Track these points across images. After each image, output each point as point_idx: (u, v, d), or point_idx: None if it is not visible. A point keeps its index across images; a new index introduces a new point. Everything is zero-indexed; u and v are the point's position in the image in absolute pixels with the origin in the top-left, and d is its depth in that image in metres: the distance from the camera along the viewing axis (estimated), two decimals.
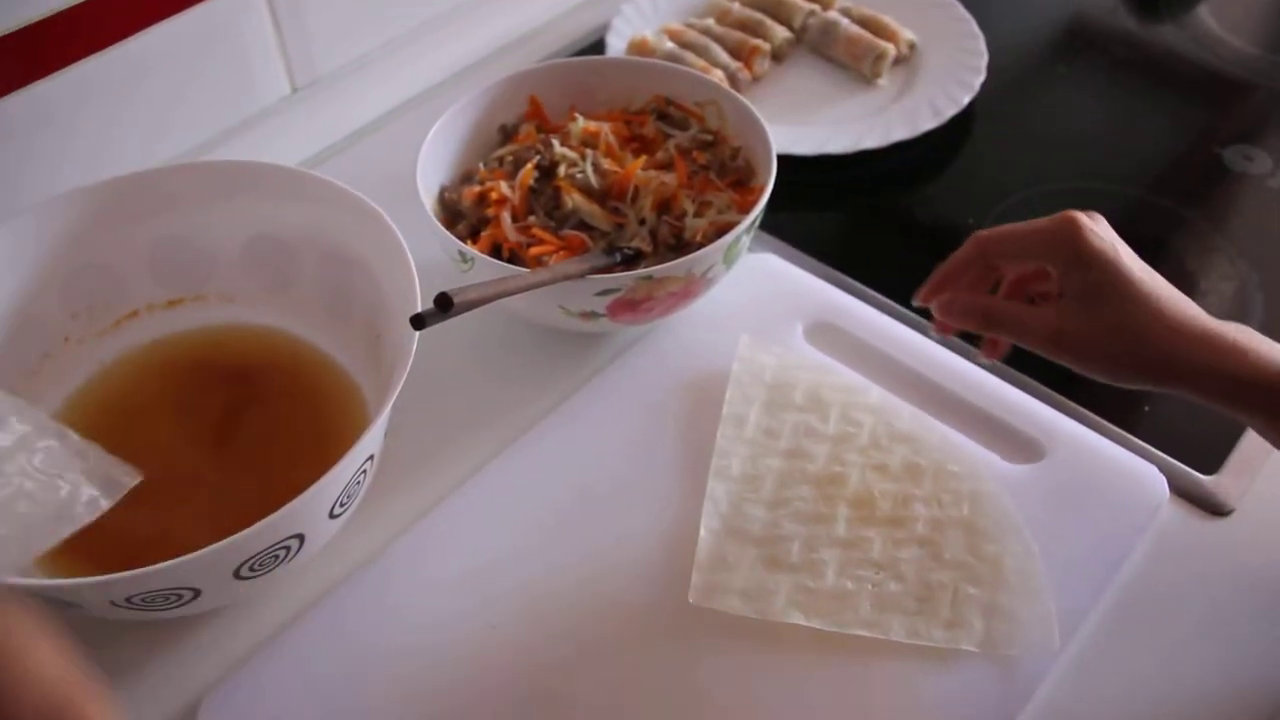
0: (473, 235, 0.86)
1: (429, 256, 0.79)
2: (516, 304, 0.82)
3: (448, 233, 0.81)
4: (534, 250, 0.83)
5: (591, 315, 0.81)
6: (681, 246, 0.85)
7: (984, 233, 0.75)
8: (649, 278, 0.78)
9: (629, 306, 0.81)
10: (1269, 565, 0.78)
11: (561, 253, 0.83)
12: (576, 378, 0.88)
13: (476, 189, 0.87)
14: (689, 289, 0.82)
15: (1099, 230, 0.71)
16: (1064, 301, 0.71)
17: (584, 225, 0.86)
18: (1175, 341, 0.68)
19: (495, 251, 0.84)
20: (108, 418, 0.81)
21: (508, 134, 0.95)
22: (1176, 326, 0.68)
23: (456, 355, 0.89)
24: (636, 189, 0.87)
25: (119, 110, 0.93)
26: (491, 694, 0.68)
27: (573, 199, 0.86)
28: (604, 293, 0.79)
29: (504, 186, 0.87)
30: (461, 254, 0.80)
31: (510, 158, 0.90)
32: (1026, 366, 0.88)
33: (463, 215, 0.87)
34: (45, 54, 0.86)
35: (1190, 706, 0.70)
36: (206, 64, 0.98)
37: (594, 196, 0.87)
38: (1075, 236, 0.70)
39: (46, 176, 0.90)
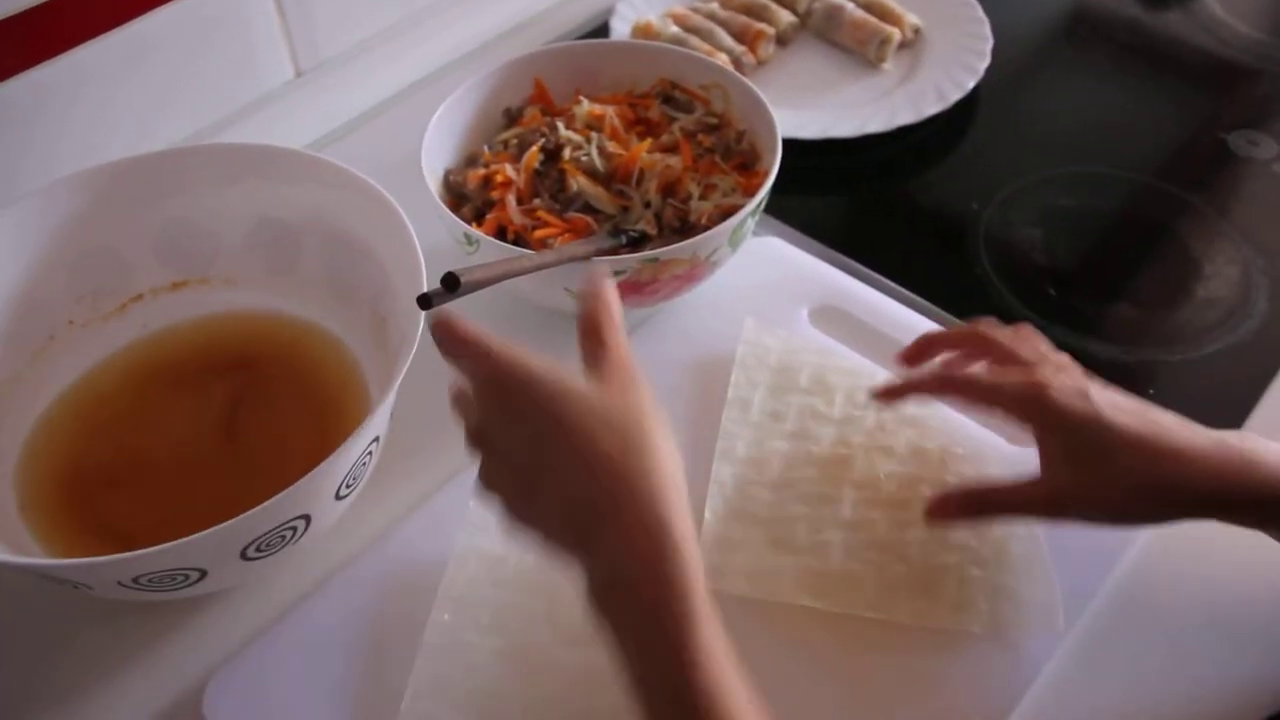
0: (478, 218, 0.86)
1: (434, 240, 0.79)
2: (522, 286, 0.82)
3: (453, 215, 0.81)
4: (539, 233, 0.83)
5: None
6: (686, 230, 0.85)
7: (956, 376, 0.72)
8: (654, 260, 0.78)
9: (634, 289, 0.81)
10: (1272, 549, 0.77)
11: (566, 235, 0.83)
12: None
13: (481, 172, 0.87)
14: (694, 272, 0.82)
15: (1069, 385, 0.68)
16: (1050, 464, 0.68)
17: (589, 208, 0.86)
18: (1179, 474, 0.65)
19: (500, 234, 0.84)
20: (114, 401, 0.81)
21: (513, 117, 0.95)
22: (1176, 458, 0.65)
23: None
24: (641, 172, 0.87)
25: (123, 94, 0.93)
26: (501, 670, 0.68)
27: (578, 181, 0.86)
28: (613, 274, 0.79)
29: (509, 169, 0.87)
30: (467, 236, 0.80)
31: (515, 141, 0.90)
32: None
33: (468, 198, 0.87)
34: (49, 37, 0.86)
35: (1193, 690, 0.70)
36: (210, 48, 0.98)
37: (599, 179, 0.87)
38: (1043, 401, 0.67)
39: (49, 160, 0.90)
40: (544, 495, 0.58)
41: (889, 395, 0.76)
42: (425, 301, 0.67)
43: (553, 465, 0.57)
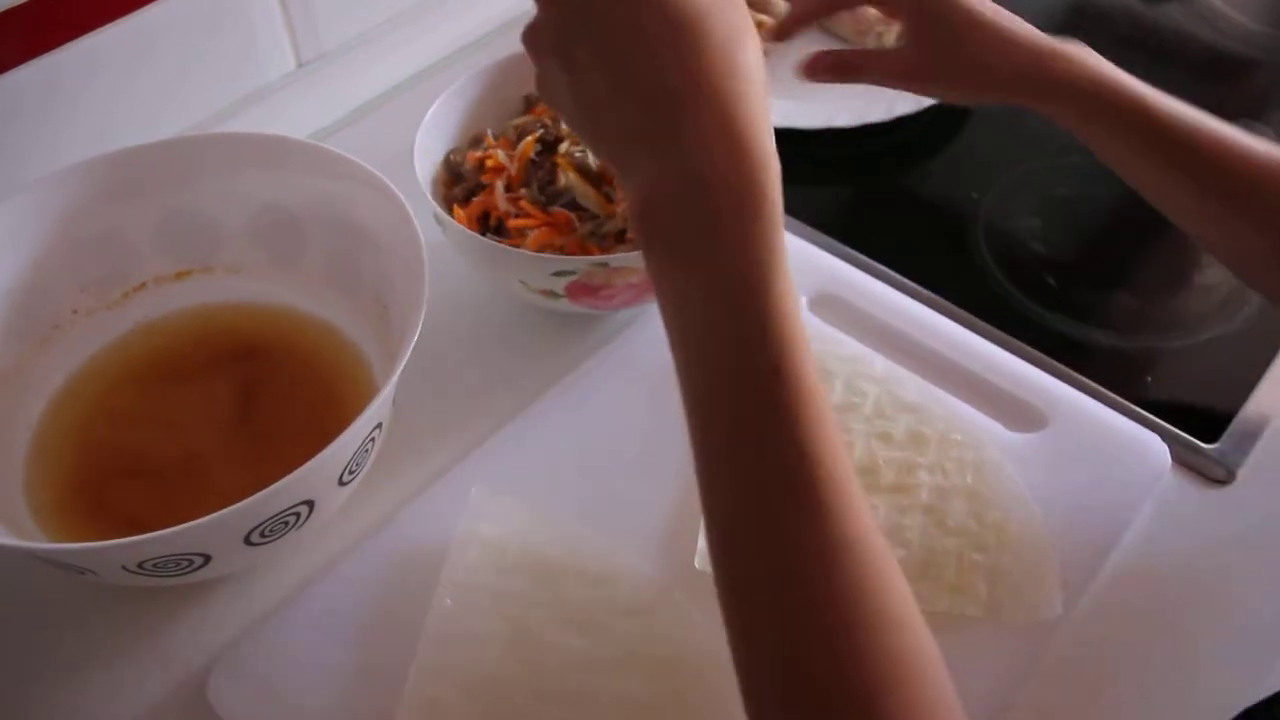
0: (467, 199, 0.87)
1: (435, 230, 0.80)
2: (485, 274, 0.85)
3: (428, 194, 0.82)
4: (516, 222, 0.84)
5: (551, 294, 0.82)
6: None
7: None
8: (604, 265, 0.78)
9: (587, 291, 0.81)
10: (1270, 533, 0.78)
11: (545, 229, 0.84)
12: (582, 350, 0.88)
13: (478, 154, 0.88)
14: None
15: None
16: (913, 40, 0.79)
17: (575, 205, 0.86)
18: (1006, 54, 0.76)
19: (485, 217, 0.85)
20: (118, 389, 0.81)
21: (530, 105, 0.95)
22: (1009, 40, 0.76)
23: (463, 327, 0.90)
24: None
25: (124, 84, 0.93)
26: (502, 655, 0.68)
27: (567, 177, 0.86)
28: (560, 273, 0.79)
29: (501, 155, 0.87)
30: (436, 216, 0.81)
31: (514, 131, 0.91)
32: (1030, 337, 0.88)
33: (464, 178, 0.88)
34: (50, 28, 0.87)
35: (1192, 672, 0.71)
36: (212, 39, 0.98)
37: (590, 178, 0.87)
38: None
39: (51, 150, 0.90)
40: (620, 67, 0.51)
41: (784, 30, 0.86)
42: None
43: (640, 34, 0.51)
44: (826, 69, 0.82)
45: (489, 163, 0.87)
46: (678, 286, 0.50)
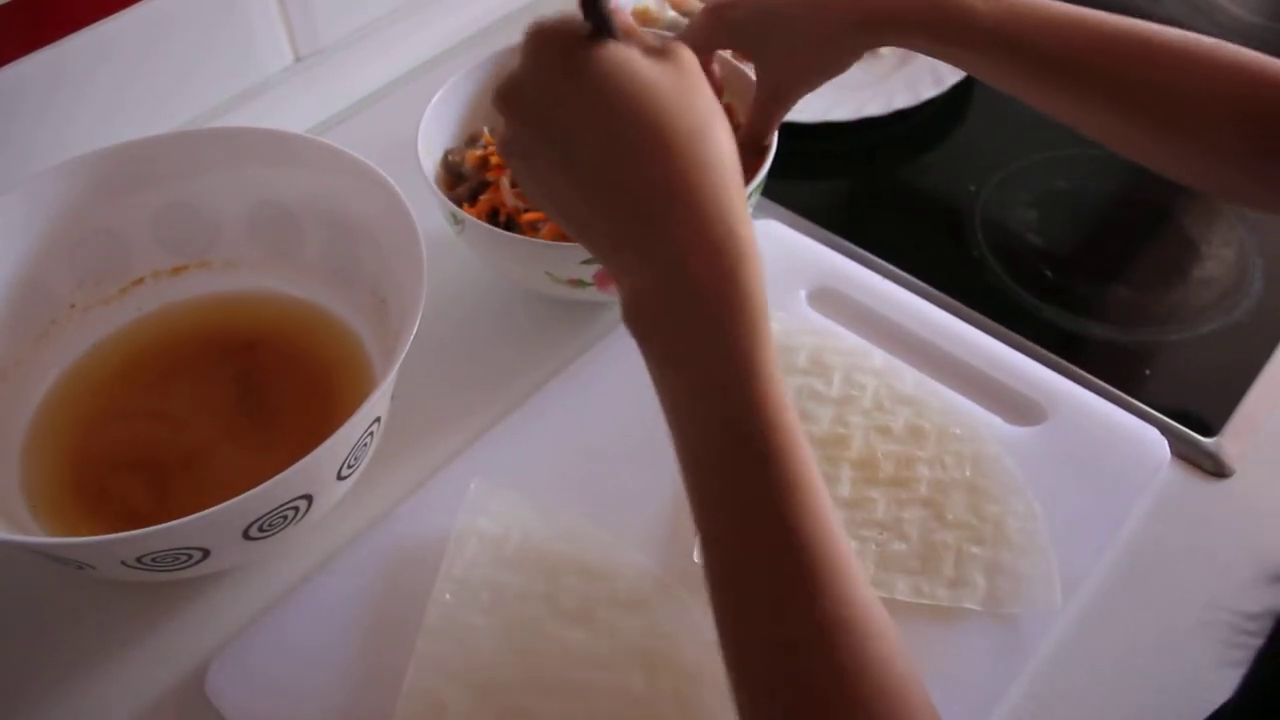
0: (472, 198, 0.86)
1: (434, 223, 0.80)
2: (506, 269, 0.83)
3: (441, 193, 0.82)
4: (528, 216, 0.84)
5: (579, 283, 0.81)
6: None
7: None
8: None
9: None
10: (1269, 526, 0.78)
11: None
12: (582, 341, 0.88)
13: (479, 152, 0.88)
14: None
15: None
16: (756, 65, 0.79)
17: None
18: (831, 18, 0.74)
19: (493, 215, 0.85)
20: (117, 384, 0.81)
21: None
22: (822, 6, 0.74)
23: (462, 320, 0.90)
24: None
25: (122, 80, 0.93)
26: (501, 649, 0.68)
27: None
28: (590, 261, 0.79)
29: None
30: (454, 215, 0.81)
31: None
32: (1028, 330, 0.88)
33: (464, 178, 0.88)
34: (49, 24, 0.86)
35: (1190, 665, 0.71)
36: (210, 34, 0.98)
37: None
38: (715, 13, 0.77)
39: (49, 146, 0.90)
40: (590, 179, 0.52)
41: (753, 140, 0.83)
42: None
43: (604, 138, 0.51)
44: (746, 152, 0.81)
45: (493, 159, 0.87)
46: (668, 380, 0.51)
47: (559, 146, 0.53)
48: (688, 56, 0.54)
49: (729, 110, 0.93)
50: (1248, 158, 0.67)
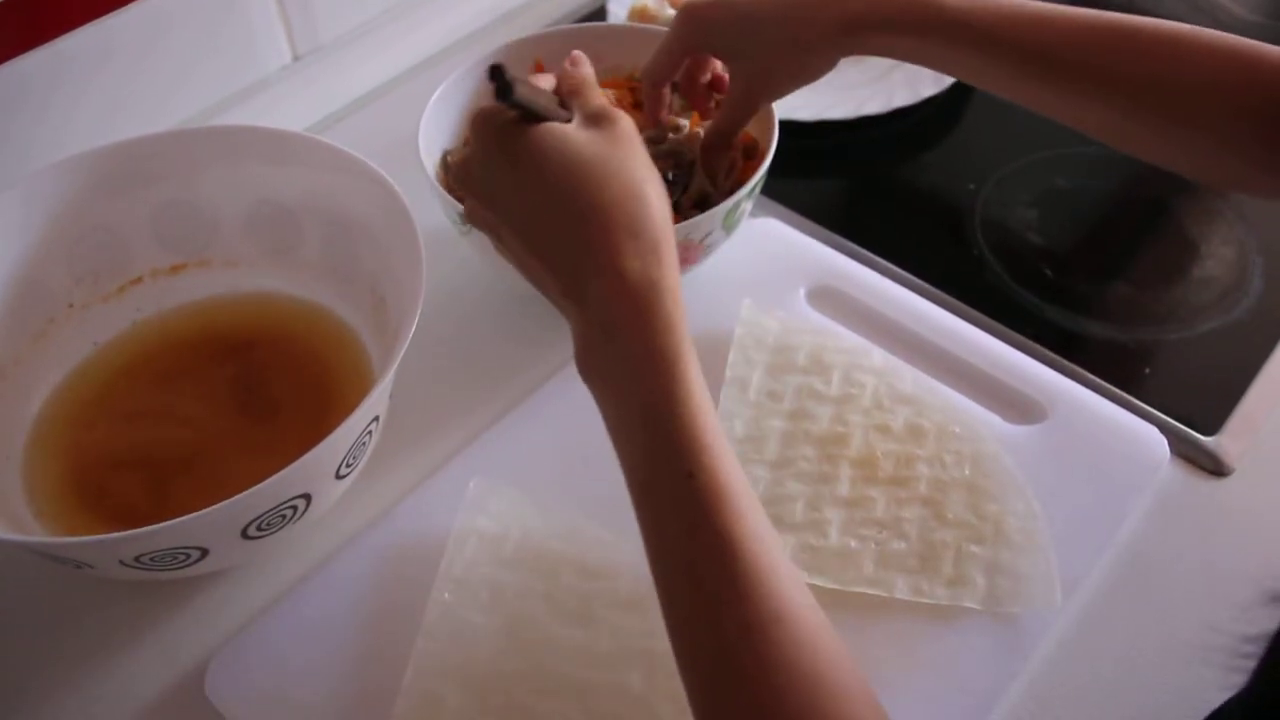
0: None
1: (431, 221, 0.80)
2: (512, 268, 0.82)
3: (447, 195, 0.81)
4: None
5: None
6: (706, 207, 0.84)
7: (644, 70, 0.83)
8: None
9: None
10: (1268, 525, 0.78)
11: None
12: None
13: None
14: (687, 255, 0.82)
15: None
16: (731, 67, 0.80)
17: None
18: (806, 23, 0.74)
19: None
20: (115, 383, 0.81)
21: None
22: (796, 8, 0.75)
23: (461, 319, 0.90)
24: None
25: (121, 78, 0.93)
26: (500, 648, 0.68)
27: None
28: None
29: None
30: (461, 216, 0.80)
31: None
32: (1028, 329, 0.88)
33: None
34: (47, 22, 0.86)
35: (1189, 663, 0.70)
36: (209, 32, 0.98)
37: None
38: (692, 16, 0.78)
39: (48, 144, 0.90)
40: (531, 244, 0.59)
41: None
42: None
43: (541, 214, 0.58)
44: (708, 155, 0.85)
45: None
46: (608, 416, 0.57)
47: (505, 216, 0.60)
48: (623, 125, 0.60)
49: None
50: (1248, 145, 0.67)
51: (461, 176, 0.63)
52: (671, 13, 1.16)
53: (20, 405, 0.78)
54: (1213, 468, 0.81)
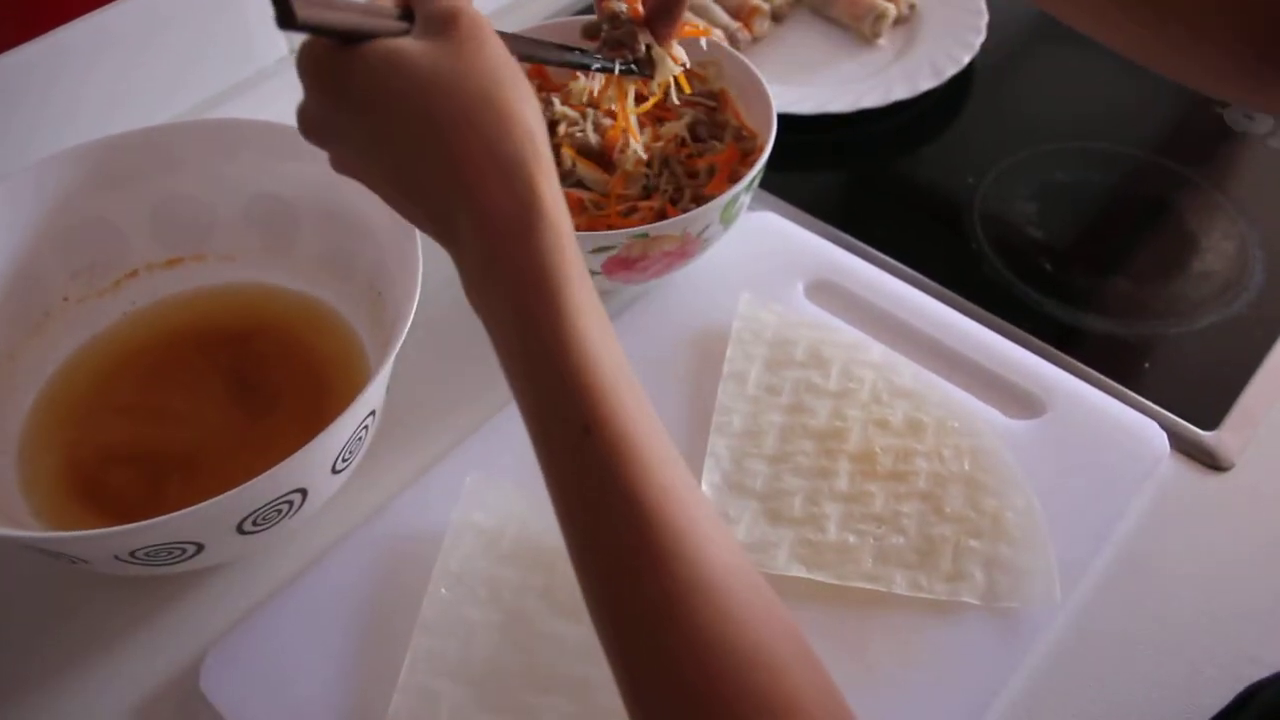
0: None
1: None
2: None
3: None
4: None
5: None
6: (702, 202, 0.84)
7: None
8: (644, 235, 0.78)
9: (625, 264, 0.80)
10: (1268, 520, 0.78)
11: None
12: None
13: None
14: (685, 248, 0.82)
15: None
16: None
17: (582, 184, 0.86)
18: None
19: None
20: (111, 377, 0.81)
21: None
22: None
23: (458, 312, 0.89)
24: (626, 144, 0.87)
25: (118, 71, 0.93)
26: (497, 643, 0.68)
27: (572, 159, 0.86)
28: (599, 250, 0.79)
29: None
30: None
31: None
32: (1027, 323, 0.88)
33: None
34: (45, 13, 0.86)
35: (1189, 659, 0.70)
36: (206, 25, 0.97)
37: (592, 157, 0.87)
38: None
39: (45, 136, 0.90)
40: (393, 182, 0.53)
41: None
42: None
43: (390, 147, 0.51)
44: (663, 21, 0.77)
45: None
46: (501, 358, 0.51)
47: (358, 154, 0.54)
48: (465, 21, 0.52)
49: (722, 97, 0.93)
50: (1258, 65, 0.64)
51: (303, 126, 0.55)
52: None
53: (15, 399, 0.78)
54: (1212, 463, 0.80)
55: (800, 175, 1.04)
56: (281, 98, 1.03)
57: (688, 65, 0.79)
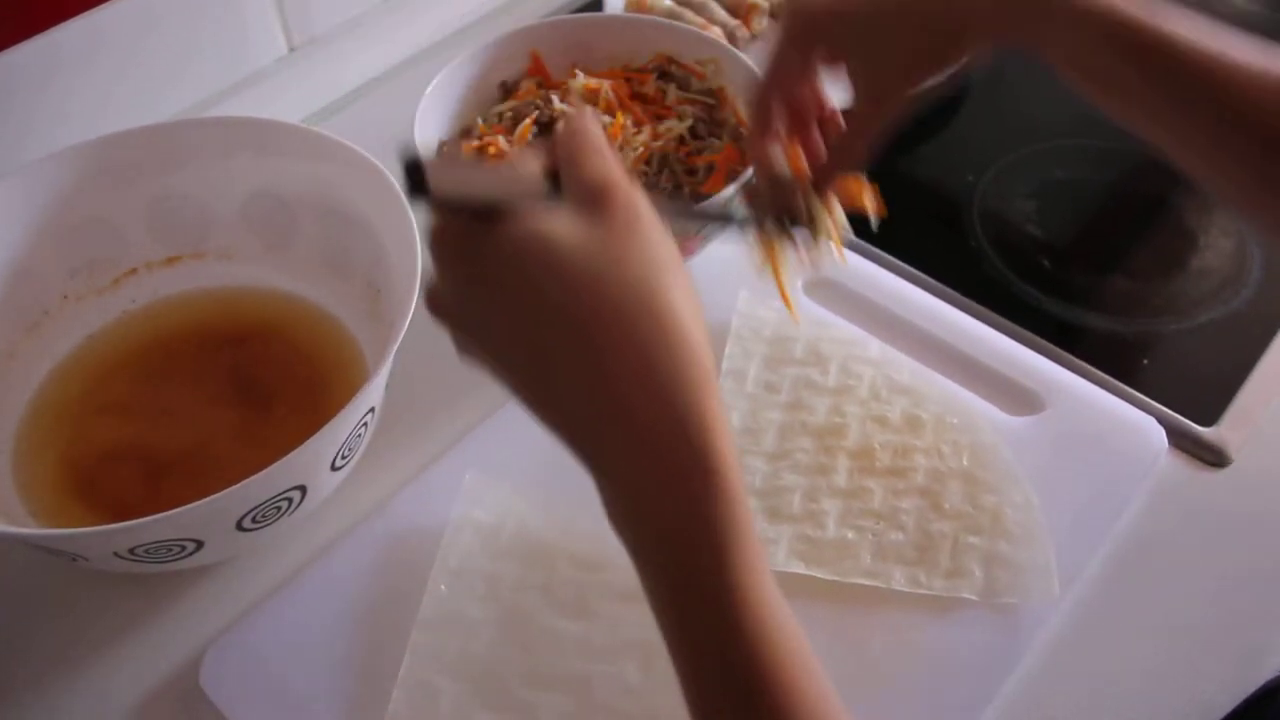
0: None
1: (427, 214, 0.79)
2: None
3: None
4: None
5: None
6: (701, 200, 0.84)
7: (752, 99, 0.70)
8: None
9: None
10: (1267, 515, 0.78)
11: None
12: None
13: (475, 143, 0.87)
14: (684, 246, 0.82)
15: None
16: (856, 67, 0.67)
17: None
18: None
19: None
20: (110, 376, 0.81)
21: (508, 90, 0.94)
22: None
23: None
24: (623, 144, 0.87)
25: (116, 69, 0.93)
26: (497, 641, 0.68)
27: None
28: None
29: (502, 141, 0.87)
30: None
31: (510, 113, 0.90)
32: (1026, 320, 0.88)
33: None
34: (41, 12, 0.86)
35: (1188, 655, 0.70)
36: (204, 24, 0.97)
37: None
38: (806, 11, 0.66)
39: (42, 135, 0.89)
40: (528, 384, 0.47)
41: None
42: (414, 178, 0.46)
43: (528, 344, 0.46)
44: (841, 168, 0.71)
45: (490, 150, 0.86)
46: (649, 594, 0.46)
47: (491, 344, 0.48)
48: (620, 200, 0.46)
49: (721, 95, 0.93)
50: None
51: (431, 307, 0.51)
52: (669, 3, 1.16)
53: (14, 397, 0.78)
54: (1211, 459, 0.80)
55: None
56: (279, 96, 1.04)
57: (847, 229, 0.73)
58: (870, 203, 0.73)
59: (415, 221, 0.73)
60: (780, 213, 0.70)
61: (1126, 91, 0.63)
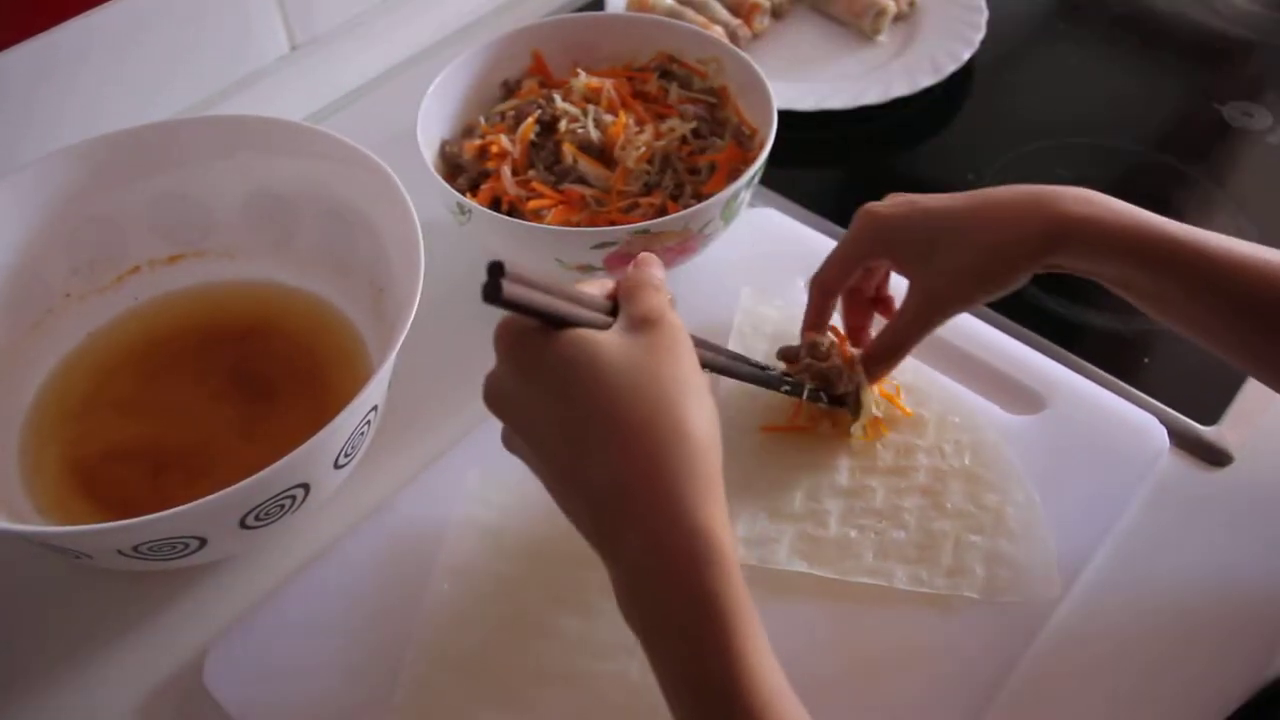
0: (472, 189, 0.86)
1: (430, 211, 0.79)
2: (514, 257, 0.82)
3: (446, 184, 0.81)
4: (532, 204, 0.83)
5: (588, 268, 0.81)
6: (702, 200, 0.85)
7: (816, 276, 0.77)
8: (645, 231, 0.78)
9: (626, 260, 0.81)
10: (1268, 515, 0.78)
11: (560, 207, 0.84)
12: None
13: (478, 142, 0.87)
14: (686, 244, 0.82)
15: (889, 202, 0.74)
16: (913, 276, 0.73)
17: (583, 180, 0.86)
18: (1005, 230, 0.69)
19: (495, 205, 0.85)
20: (113, 374, 0.81)
21: (510, 89, 0.94)
22: (997, 217, 0.70)
23: (460, 308, 0.89)
24: (626, 143, 0.87)
25: (118, 68, 0.93)
26: (499, 639, 0.68)
27: (573, 156, 0.86)
28: (601, 245, 0.79)
29: (505, 140, 0.87)
30: (460, 205, 0.80)
31: (512, 112, 0.90)
32: (1028, 319, 0.88)
33: (463, 169, 0.87)
34: (43, 10, 0.86)
35: (1188, 654, 0.70)
36: (206, 22, 0.97)
37: (594, 153, 0.87)
38: (876, 220, 0.73)
39: (44, 133, 0.89)
40: (561, 472, 0.53)
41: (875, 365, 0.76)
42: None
43: (558, 430, 0.52)
44: (877, 365, 0.75)
45: (492, 149, 0.87)
46: (658, 672, 0.51)
47: (532, 442, 0.55)
48: (666, 328, 0.54)
49: (723, 94, 0.93)
50: None
51: (488, 396, 0.57)
52: (670, 2, 1.16)
53: (17, 395, 0.78)
54: (1212, 458, 0.81)
55: (801, 172, 1.04)
56: (281, 95, 1.04)
57: (880, 414, 0.78)
58: (903, 408, 0.79)
59: (417, 221, 0.73)
60: (822, 387, 0.76)
61: (1163, 299, 0.70)
